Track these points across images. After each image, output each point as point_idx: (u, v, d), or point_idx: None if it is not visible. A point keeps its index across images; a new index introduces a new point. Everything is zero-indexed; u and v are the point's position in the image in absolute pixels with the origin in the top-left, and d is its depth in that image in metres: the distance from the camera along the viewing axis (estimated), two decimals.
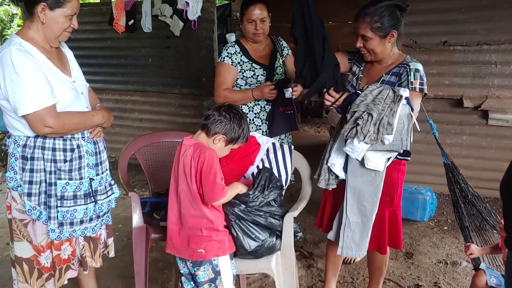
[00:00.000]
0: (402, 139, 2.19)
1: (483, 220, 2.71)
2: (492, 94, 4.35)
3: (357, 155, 2.23)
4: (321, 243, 3.77)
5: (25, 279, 2.22)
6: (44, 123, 2.04)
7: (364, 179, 2.34)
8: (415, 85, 2.31)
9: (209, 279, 2.12)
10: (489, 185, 4.11)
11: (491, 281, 2.41)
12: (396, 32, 2.37)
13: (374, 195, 2.35)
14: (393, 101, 2.15)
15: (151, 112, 6.00)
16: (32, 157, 2.12)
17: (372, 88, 2.22)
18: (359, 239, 2.42)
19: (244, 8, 3.03)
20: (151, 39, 5.72)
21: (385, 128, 2.13)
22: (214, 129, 2.13)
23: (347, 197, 2.40)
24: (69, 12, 2.13)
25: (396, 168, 2.44)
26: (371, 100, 2.17)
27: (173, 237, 2.18)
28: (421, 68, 2.36)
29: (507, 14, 4.14)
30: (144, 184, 5.12)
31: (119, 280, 3.24)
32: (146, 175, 3.14)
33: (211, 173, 2.05)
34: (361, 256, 2.51)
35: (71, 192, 2.19)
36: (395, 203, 2.49)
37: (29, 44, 2.09)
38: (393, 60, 2.45)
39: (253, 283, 3.14)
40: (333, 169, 2.43)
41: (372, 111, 2.13)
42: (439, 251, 3.62)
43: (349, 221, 2.40)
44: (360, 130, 2.14)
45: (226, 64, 3.07)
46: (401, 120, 2.17)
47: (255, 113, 3.13)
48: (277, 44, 3.24)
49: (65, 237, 2.20)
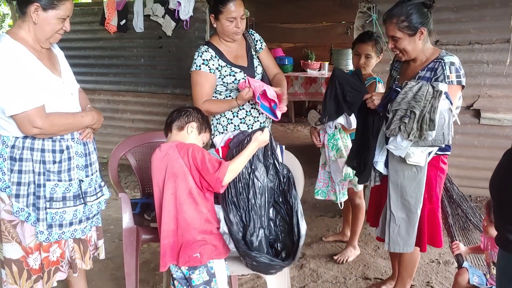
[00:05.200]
0: (444, 134, 2.21)
1: (467, 220, 2.73)
2: (484, 93, 4.35)
3: (401, 152, 2.26)
4: (313, 243, 3.76)
5: (14, 281, 2.20)
6: (33, 123, 2.02)
7: (406, 175, 2.36)
8: (451, 79, 2.31)
9: (204, 282, 2.09)
10: (481, 184, 4.11)
11: (473, 279, 2.44)
12: (425, 29, 2.38)
13: (418, 189, 2.37)
14: (433, 97, 2.16)
15: (143, 112, 5.97)
16: (21, 158, 2.10)
17: (412, 84, 2.23)
18: (405, 234, 2.44)
19: (220, 5, 2.71)
20: (143, 39, 5.68)
21: (428, 124, 2.14)
22: (184, 121, 2.18)
23: (390, 192, 2.42)
24: (62, 14, 2.11)
25: (434, 164, 2.46)
26: (411, 97, 2.18)
27: (168, 251, 2.09)
28: (456, 60, 2.36)
29: (498, 13, 4.14)
30: (136, 185, 5.09)
31: (110, 282, 3.22)
32: (137, 175, 3.12)
33: (204, 159, 2.03)
34: (409, 251, 2.51)
35: (60, 193, 2.17)
36: (434, 200, 2.51)
37: (19, 43, 2.07)
38: (427, 56, 2.45)
39: (245, 284, 3.13)
40: (376, 167, 2.44)
41: (414, 108, 2.14)
42: (432, 250, 3.61)
43: (394, 217, 2.42)
44: (404, 128, 2.16)
45: (203, 72, 2.77)
46: (442, 115, 2.18)
47: (240, 118, 2.90)
48: (249, 38, 2.98)
49: (54, 239, 2.18)
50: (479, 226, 2.71)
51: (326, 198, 3.39)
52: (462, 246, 2.63)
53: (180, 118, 2.19)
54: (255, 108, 2.89)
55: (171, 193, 2.06)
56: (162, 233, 2.10)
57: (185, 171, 2.04)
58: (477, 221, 2.79)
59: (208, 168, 2.02)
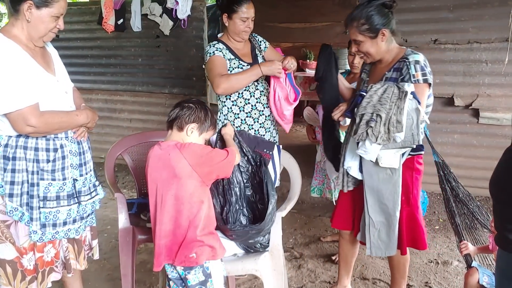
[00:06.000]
0: (413, 134, 2.18)
1: (474, 219, 2.69)
2: (482, 92, 4.34)
3: (371, 156, 2.22)
4: (311, 243, 3.74)
5: (9, 282, 2.17)
6: (27, 122, 2.00)
7: (381, 177, 2.33)
8: (417, 78, 2.27)
9: (199, 282, 2.08)
10: (480, 183, 4.09)
11: (483, 279, 2.39)
12: (387, 30, 2.34)
13: (394, 192, 2.33)
14: (399, 98, 2.13)
15: (141, 112, 5.95)
16: (14, 157, 2.08)
17: (377, 87, 2.20)
18: (386, 238, 2.41)
19: (236, 5, 2.92)
20: (141, 39, 5.66)
21: (395, 126, 2.11)
22: (184, 121, 2.12)
23: (367, 197, 2.39)
24: (56, 13, 2.09)
25: (409, 166, 2.42)
26: (377, 100, 2.15)
27: (164, 251, 2.08)
28: (421, 58, 2.32)
29: (497, 12, 4.13)
30: (134, 185, 5.06)
31: (107, 282, 3.20)
32: (133, 175, 3.10)
33: (209, 153, 2.09)
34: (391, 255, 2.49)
35: (54, 193, 2.15)
36: (412, 202, 2.47)
37: (12, 41, 2.05)
38: (393, 56, 2.42)
39: (243, 285, 3.11)
40: (350, 172, 2.41)
41: (380, 111, 2.11)
42: (430, 250, 3.60)
43: (373, 221, 2.39)
44: (371, 132, 2.12)
45: (218, 57, 2.93)
46: (410, 115, 2.15)
47: (246, 112, 3.04)
48: (254, 40, 3.18)
49: (48, 239, 2.16)
50: (486, 225, 2.68)
51: (322, 195, 3.39)
52: (470, 245, 2.58)
53: (181, 117, 2.12)
54: (260, 102, 3.05)
55: (172, 194, 2.04)
56: (159, 232, 2.08)
57: (189, 171, 2.03)
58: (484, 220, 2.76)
59: (214, 160, 2.09)
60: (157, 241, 2.08)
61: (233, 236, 2.31)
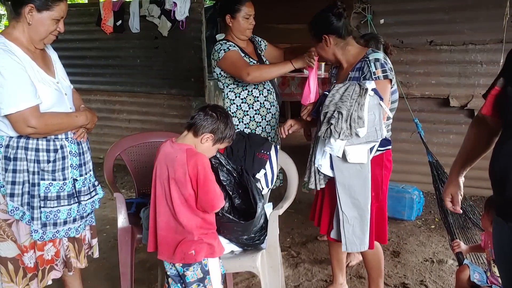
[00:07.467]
0: (376, 129, 2.26)
1: (467, 218, 2.74)
2: (478, 93, 4.36)
3: (337, 152, 2.28)
4: (308, 243, 3.78)
5: (11, 279, 2.21)
6: (27, 123, 2.03)
7: (351, 173, 2.37)
8: (378, 74, 2.34)
9: (197, 279, 2.11)
10: (475, 183, 4.10)
11: (474, 276, 2.43)
12: (330, 36, 2.44)
13: (364, 186, 2.37)
14: (359, 95, 2.21)
15: (139, 112, 5.98)
16: (15, 157, 2.11)
17: (339, 86, 2.30)
18: (360, 232, 2.44)
19: (238, 4, 3.05)
20: (139, 40, 5.69)
21: (356, 122, 2.19)
22: (202, 129, 2.10)
23: (339, 193, 2.41)
24: (56, 16, 2.13)
25: (378, 163, 2.46)
26: (338, 98, 2.24)
27: (163, 243, 2.13)
28: (381, 56, 2.39)
29: (492, 14, 4.16)
30: (132, 185, 5.09)
31: (106, 281, 3.23)
32: (132, 175, 3.13)
33: (210, 182, 2.07)
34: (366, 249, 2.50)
35: (54, 192, 2.18)
36: (381, 198, 2.52)
37: (13, 44, 2.09)
38: (355, 57, 2.48)
39: (240, 283, 3.14)
40: (321, 170, 2.44)
41: (341, 108, 2.19)
42: (426, 249, 3.64)
43: (346, 217, 2.42)
44: (334, 129, 2.19)
45: (236, 51, 3.04)
46: (371, 111, 2.24)
47: (255, 109, 3.16)
48: (254, 41, 3.31)
49: (48, 238, 2.20)
50: (478, 224, 2.72)
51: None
52: (462, 244, 2.63)
53: (200, 124, 2.10)
54: (268, 100, 3.19)
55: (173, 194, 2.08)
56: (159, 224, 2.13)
57: (186, 180, 2.04)
58: (476, 219, 2.79)
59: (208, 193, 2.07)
60: (158, 231, 2.14)
61: (220, 230, 2.31)
